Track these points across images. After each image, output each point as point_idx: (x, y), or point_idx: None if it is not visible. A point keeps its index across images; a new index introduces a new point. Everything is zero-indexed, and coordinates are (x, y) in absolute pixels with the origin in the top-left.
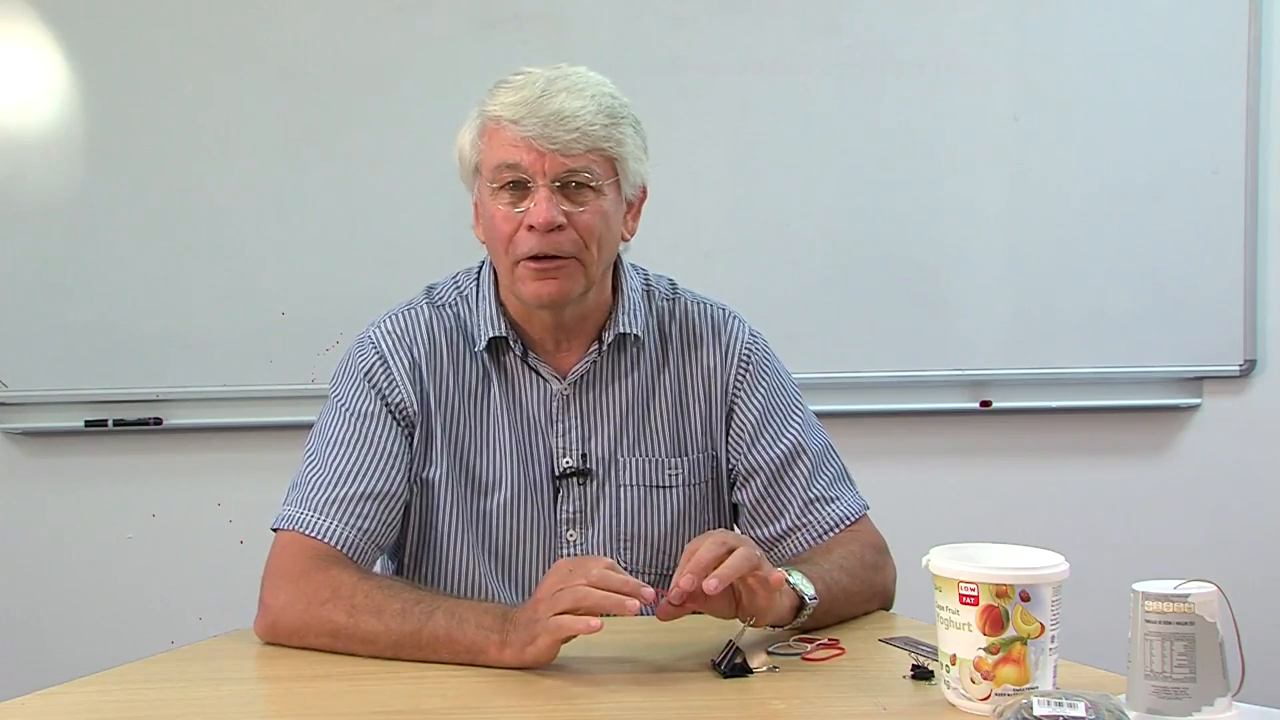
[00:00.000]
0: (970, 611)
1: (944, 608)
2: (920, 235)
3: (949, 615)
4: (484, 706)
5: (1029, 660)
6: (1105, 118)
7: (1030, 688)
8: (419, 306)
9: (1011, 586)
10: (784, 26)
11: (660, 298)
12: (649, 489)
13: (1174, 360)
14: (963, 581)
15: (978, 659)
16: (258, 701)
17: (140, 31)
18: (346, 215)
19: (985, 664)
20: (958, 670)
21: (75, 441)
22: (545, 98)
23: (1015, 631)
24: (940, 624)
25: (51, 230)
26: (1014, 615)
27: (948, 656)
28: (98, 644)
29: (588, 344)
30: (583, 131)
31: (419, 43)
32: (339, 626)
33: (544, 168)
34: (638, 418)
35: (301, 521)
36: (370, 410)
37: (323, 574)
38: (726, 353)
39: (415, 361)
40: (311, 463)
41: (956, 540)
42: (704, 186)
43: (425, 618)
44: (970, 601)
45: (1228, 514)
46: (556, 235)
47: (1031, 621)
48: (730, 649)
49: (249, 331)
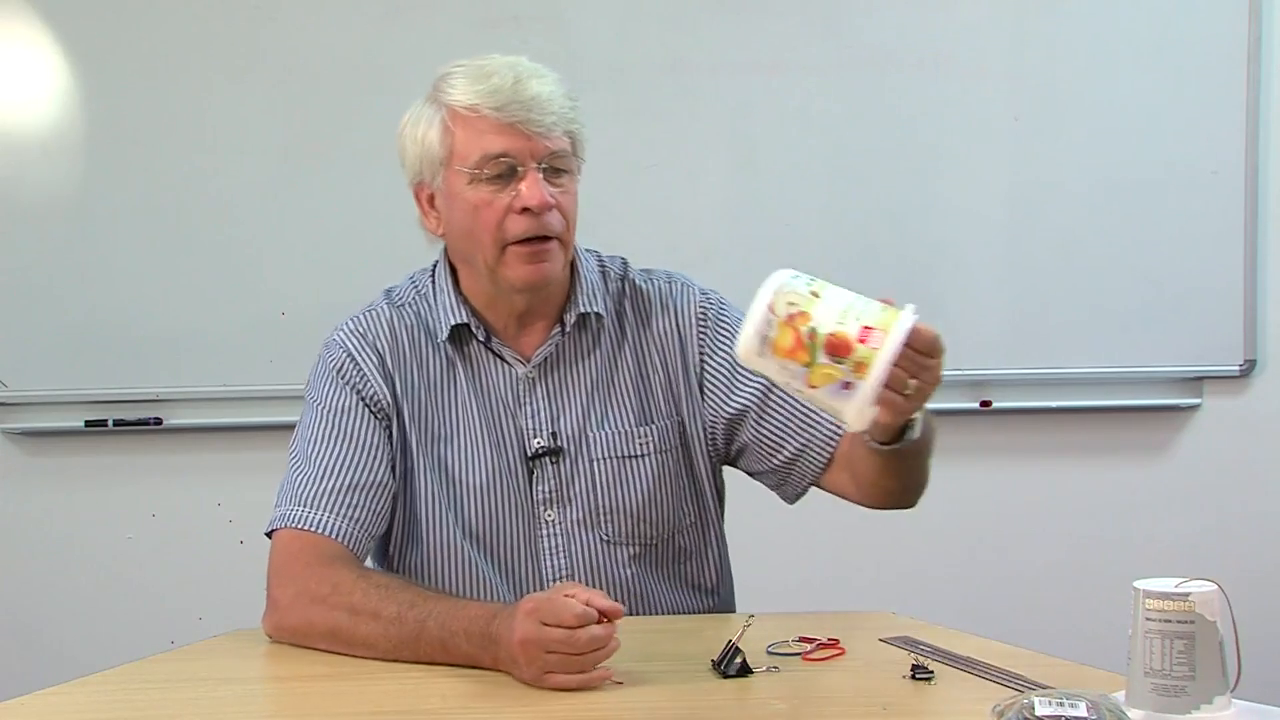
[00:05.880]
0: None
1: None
2: (920, 235)
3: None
4: (484, 707)
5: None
6: (1105, 118)
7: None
8: (379, 307)
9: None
10: (784, 26)
11: (614, 278)
12: (621, 460)
13: (1174, 360)
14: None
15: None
16: (258, 701)
17: (140, 32)
18: (346, 215)
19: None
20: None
21: (75, 441)
22: (520, 84)
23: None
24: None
25: (51, 230)
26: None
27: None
28: (97, 644)
29: (550, 326)
30: (558, 115)
31: (419, 43)
32: (339, 627)
33: (531, 151)
34: (603, 393)
35: (295, 518)
36: (346, 405)
37: (324, 569)
38: (680, 318)
39: (381, 357)
40: (296, 463)
41: (956, 540)
42: (704, 186)
43: (419, 626)
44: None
45: (1228, 514)
46: (547, 215)
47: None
48: (730, 649)
49: (249, 331)
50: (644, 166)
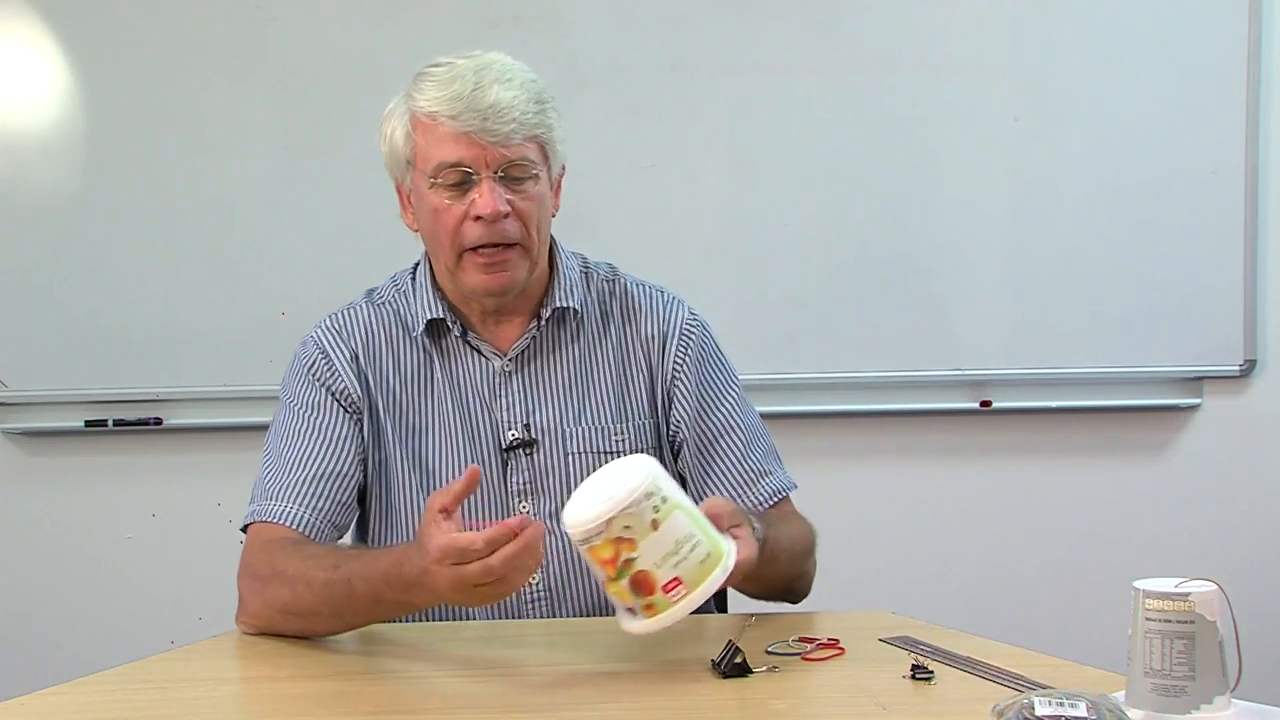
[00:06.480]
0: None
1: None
2: (920, 235)
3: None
4: (484, 706)
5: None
6: (1105, 118)
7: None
8: (358, 305)
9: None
10: (784, 26)
11: (600, 279)
12: (596, 455)
13: (1174, 360)
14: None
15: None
16: (257, 702)
17: (140, 32)
18: (346, 215)
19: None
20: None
21: (75, 441)
22: (479, 90)
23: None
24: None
25: (51, 230)
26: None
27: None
28: (98, 644)
29: (527, 320)
30: (519, 121)
31: (419, 43)
32: (286, 602)
33: (486, 160)
34: (581, 387)
35: (259, 512)
36: (315, 401)
37: (267, 554)
38: (669, 325)
39: (355, 353)
40: (267, 461)
41: (956, 540)
42: (704, 186)
43: (347, 587)
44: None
45: (1227, 514)
46: (502, 223)
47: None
48: (730, 649)
49: (249, 331)
50: (644, 166)
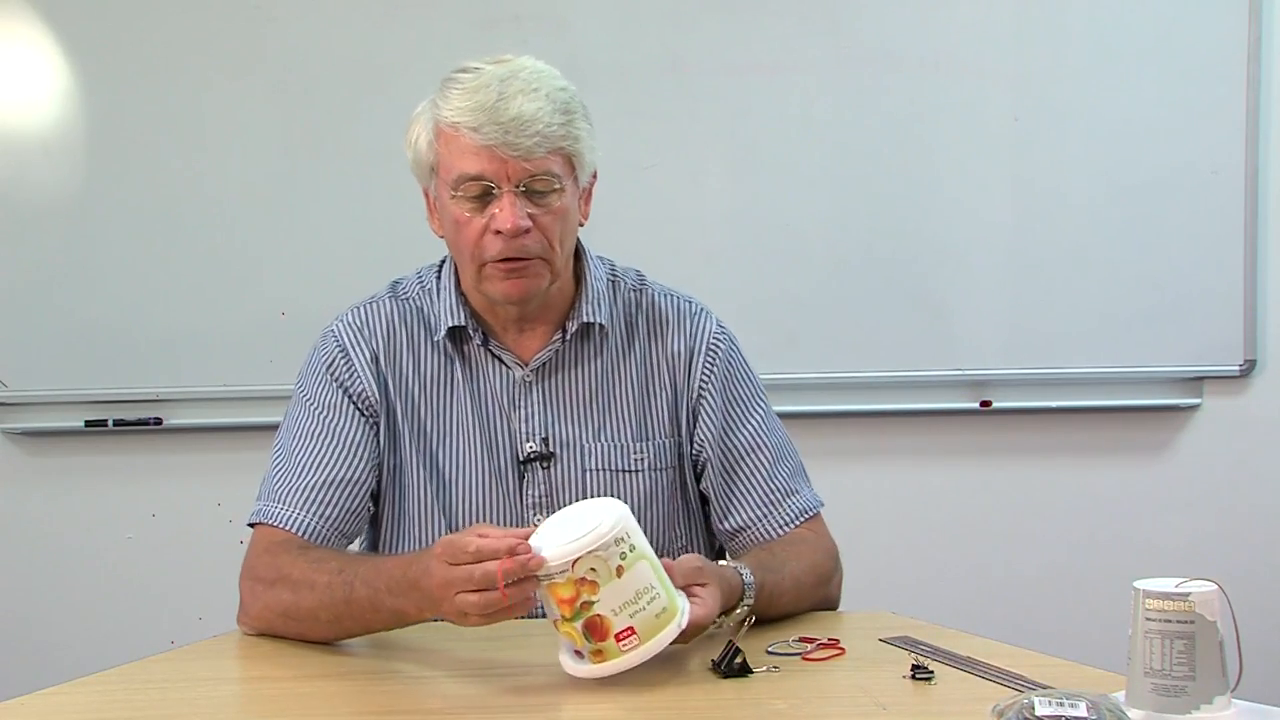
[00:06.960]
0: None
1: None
2: (920, 235)
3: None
4: (484, 706)
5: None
6: (1105, 118)
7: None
8: (381, 299)
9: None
10: (784, 26)
11: (626, 288)
12: (614, 473)
13: (1174, 360)
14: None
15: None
16: (257, 702)
17: (140, 32)
18: (346, 215)
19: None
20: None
21: (75, 441)
22: (502, 102)
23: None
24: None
25: (51, 230)
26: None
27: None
28: (98, 644)
29: (551, 331)
30: (542, 135)
31: (419, 43)
32: (288, 605)
33: (507, 174)
34: (602, 403)
35: (266, 513)
36: (332, 402)
37: (271, 557)
38: (695, 340)
39: (375, 354)
40: (278, 458)
41: (956, 540)
42: (704, 187)
43: (347, 590)
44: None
45: (1227, 514)
46: (523, 238)
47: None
48: (730, 649)
49: (249, 331)
50: (644, 167)
